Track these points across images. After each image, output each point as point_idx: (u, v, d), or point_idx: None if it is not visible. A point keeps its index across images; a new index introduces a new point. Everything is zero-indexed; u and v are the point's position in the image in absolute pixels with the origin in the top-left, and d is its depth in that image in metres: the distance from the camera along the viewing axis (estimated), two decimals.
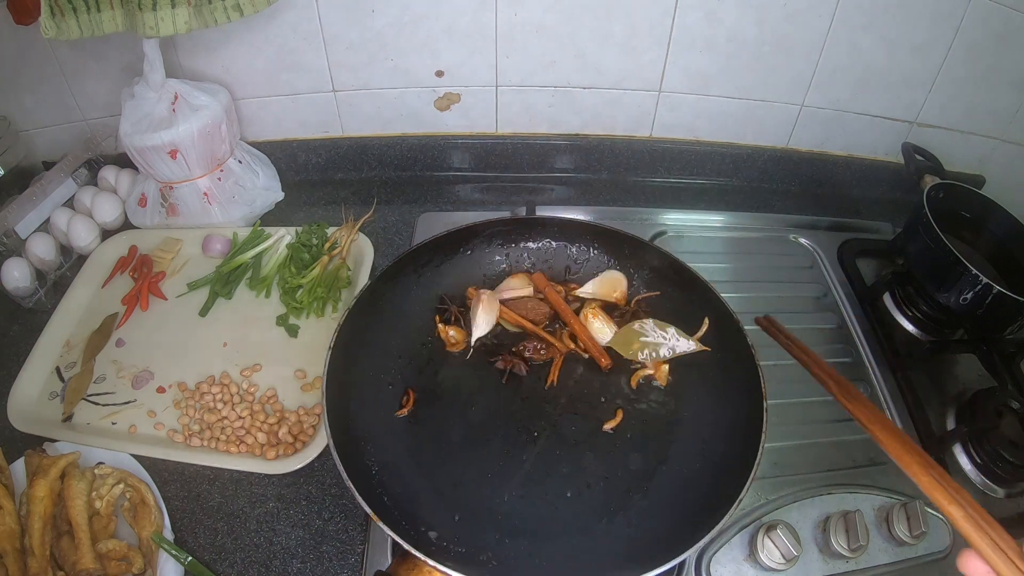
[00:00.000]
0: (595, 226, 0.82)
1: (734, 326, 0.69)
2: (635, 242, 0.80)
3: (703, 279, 0.75)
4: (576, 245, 0.83)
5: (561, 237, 0.83)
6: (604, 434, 0.68)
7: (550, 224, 0.83)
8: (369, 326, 0.72)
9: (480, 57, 0.97)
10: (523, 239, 0.83)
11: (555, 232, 0.83)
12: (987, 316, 0.79)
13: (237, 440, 0.75)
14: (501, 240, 0.83)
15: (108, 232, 0.99)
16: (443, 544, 0.58)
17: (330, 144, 1.08)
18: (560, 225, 0.83)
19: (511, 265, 0.83)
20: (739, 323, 0.69)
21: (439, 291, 0.79)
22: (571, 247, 0.84)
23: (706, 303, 0.74)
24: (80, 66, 0.96)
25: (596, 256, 0.83)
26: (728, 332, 0.70)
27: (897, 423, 0.79)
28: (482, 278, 0.82)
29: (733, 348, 0.69)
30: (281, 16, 0.91)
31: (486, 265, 0.83)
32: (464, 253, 0.81)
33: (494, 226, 0.81)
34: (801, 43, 0.95)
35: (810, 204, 1.10)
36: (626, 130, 1.08)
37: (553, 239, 0.84)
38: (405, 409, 0.69)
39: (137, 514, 0.66)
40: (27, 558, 0.61)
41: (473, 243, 0.81)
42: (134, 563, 0.63)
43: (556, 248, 0.84)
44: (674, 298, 0.78)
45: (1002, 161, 1.05)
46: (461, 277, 0.81)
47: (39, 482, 0.64)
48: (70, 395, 0.80)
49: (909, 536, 0.66)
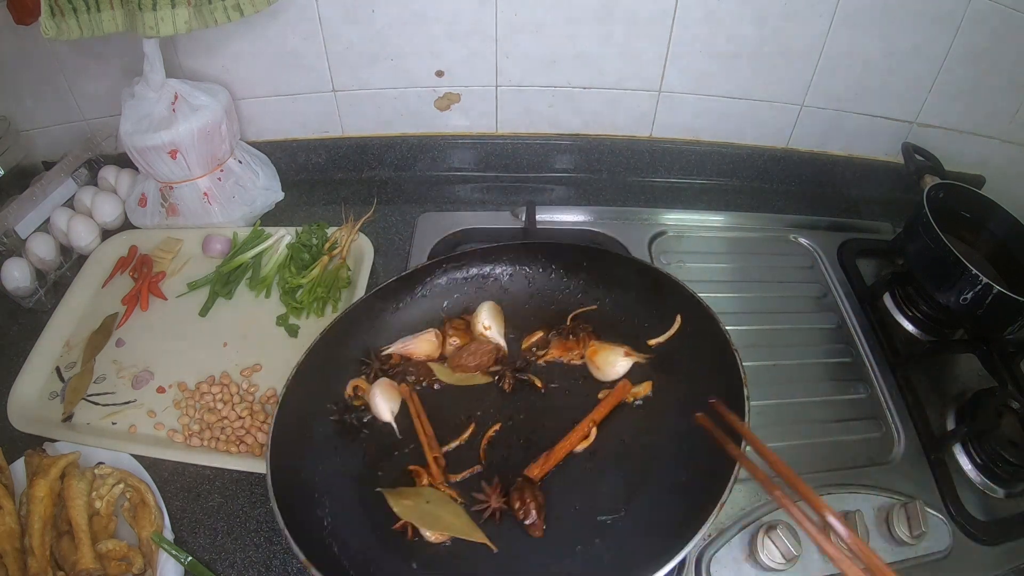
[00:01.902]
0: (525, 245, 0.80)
1: (705, 315, 0.66)
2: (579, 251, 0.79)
3: (673, 277, 0.72)
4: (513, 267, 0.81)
5: (483, 263, 0.81)
6: (574, 459, 0.64)
7: (472, 255, 0.80)
8: (323, 375, 0.70)
9: (480, 57, 0.97)
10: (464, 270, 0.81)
11: (478, 261, 0.80)
12: (987, 316, 0.79)
13: (237, 440, 0.75)
14: (446, 277, 0.80)
15: (108, 232, 0.99)
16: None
17: (330, 144, 1.08)
18: (483, 253, 0.80)
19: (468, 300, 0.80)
20: (711, 312, 0.66)
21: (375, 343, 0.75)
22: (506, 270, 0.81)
23: (677, 302, 0.71)
24: (80, 66, 0.96)
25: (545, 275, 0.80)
26: (701, 323, 0.67)
27: (897, 423, 0.79)
28: (441, 317, 0.79)
29: (710, 342, 0.65)
30: (281, 16, 0.91)
31: (440, 308, 0.80)
32: (419, 295, 0.79)
33: (439, 264, 0.79)
34: (801, 43, 0.95)
35: (810, 204, 1.10)
36: (626, 130, 1.08)
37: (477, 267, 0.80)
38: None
39: (137, 514, 0.66)
40: (27, 558, 0.61)
41: (427, 283, 0.79)
42: (134, 563, 0.63)
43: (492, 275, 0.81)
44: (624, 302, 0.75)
45: (1002, 161, 1.05)
46: (418, 317, 0.78)
47: (39, 482, 0.64)
48: (70, 395, 0.80)
49: (909, 536, 0.66)
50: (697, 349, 0.68)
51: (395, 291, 0.78)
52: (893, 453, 0.77)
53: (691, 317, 0.70)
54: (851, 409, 0.81)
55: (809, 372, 0.85)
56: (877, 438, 0.78)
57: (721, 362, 0.63)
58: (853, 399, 0.82)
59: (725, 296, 0.92)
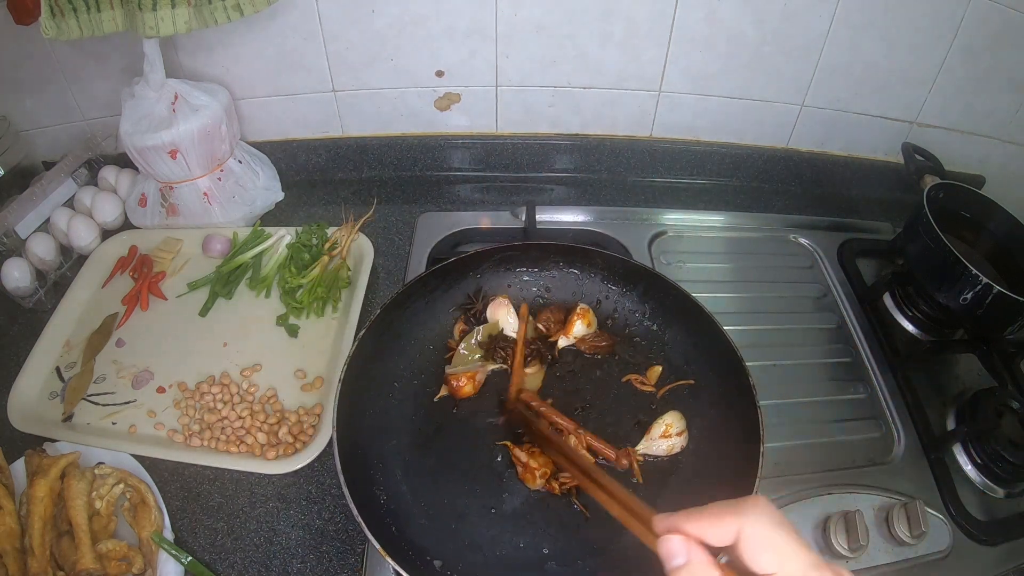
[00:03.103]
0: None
1: (734, 356, 0.68)
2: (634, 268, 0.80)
3: (707, 310, 0.73)
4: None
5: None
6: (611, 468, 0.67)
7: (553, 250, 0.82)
8: (380, 352, 0.72)
9: (480, 57, 0.97)
10: (526, 265, 0.83)
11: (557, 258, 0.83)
12: (987, 316, 0.79)
13: (237, 440, 0.75)
14: (507, 265, 0.82)
15: (108, 232, 0.99)
16: (447, 573, 0.59)
17: (330, 144, 1.08)
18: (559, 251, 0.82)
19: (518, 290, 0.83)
20: (739, 356, 0.68)
21: (449, 310, 0.80)
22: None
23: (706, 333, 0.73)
24: (80, 66, 0.96)
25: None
26: (723, 355, 0.70)
27: (897, 423, 0.79)
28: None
29: (730, 377, 0.68)
30: (281, 16, 0.91)
31: (492, 289, 0.82)
32: (473, 277, 0.81)
33: (503, 251, 0.81)
34: (801, 43, 0.95)
35: (810, 204, 1.10)
36: (626, 130, 1.08)
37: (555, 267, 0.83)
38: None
39: (137, 514, 0.66)
40: (27, 558, 0.61)
41: (483, 267, 0.81)
42: (134, 563, 0.63)
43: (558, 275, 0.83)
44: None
45: (1002, 161, 1.05)
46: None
47: (39, 482, 0.64)
48: (70, 395, 0.80)
49: (909, 536, 0.66)
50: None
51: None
52: (893, 453, 0.77)
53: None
54: (851, 409, 0.81)
55: (809, 372, 0.85)
56: (877, 438, 0.78)
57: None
58: (853, 399, 0.82)
59: (725, 296, 0.92)
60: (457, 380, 0.73)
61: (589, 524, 0.64)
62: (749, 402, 0.64)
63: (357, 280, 0.91)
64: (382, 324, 0.72)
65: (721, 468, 0.64)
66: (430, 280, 0.78)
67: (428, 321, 0.79)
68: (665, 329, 0.78)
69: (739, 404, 0.65)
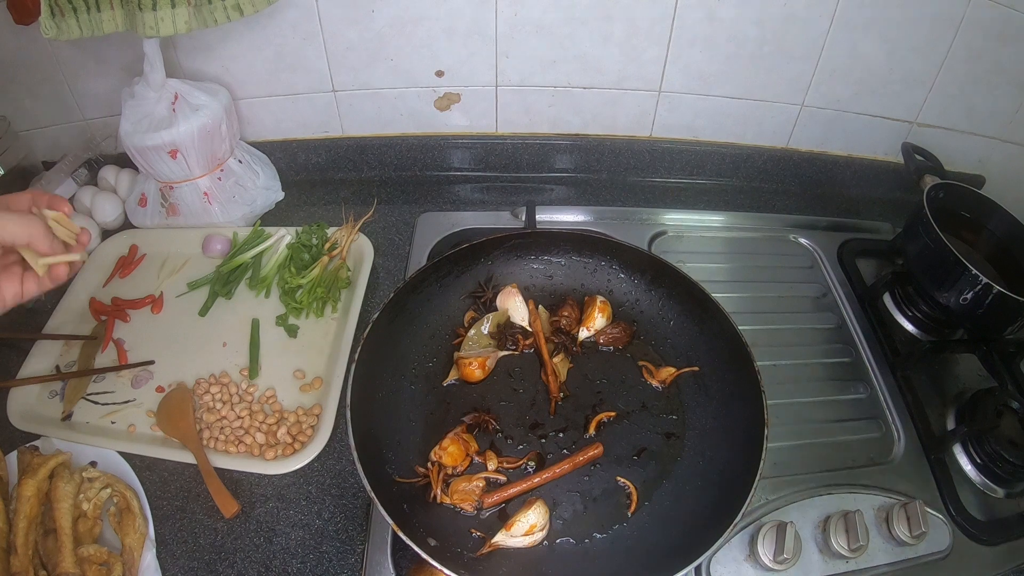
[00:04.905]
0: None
1: (741, 345, 0.71)
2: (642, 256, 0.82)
3: (712, 298, 0.76)
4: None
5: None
6: (610, 450, 0.70)
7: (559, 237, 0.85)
8: (393, 334, 0.74)
9: (480, 57, 0.97)
10: (535, 252, 0.86)
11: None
12: (987, 316, 0.79)
13: (236, 440, 0.75)
14: (518, 252, 0.85)
15: (108, 232, 0.99)
16: (456, 551, 0.61)
17: (330, 144, 1.08)
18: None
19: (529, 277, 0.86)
20: (746, 345, 0.71)
21: (460, 297, 0.83)
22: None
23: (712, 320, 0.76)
24: (80, 66, 0.96)
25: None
26: (732, 347, 0.72)
27: (897, 423, 0.79)
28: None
29: (736, 365, 0.71)
30: (281, 16, 0.91)
31: (502, 277, 0.85)
32: (485, 263, 0.84)
33: (515, 238, 0.84)
34: (801, 43, 0.95)
35: (810, 204, 1.10)
36: (626, 130, 1.08)
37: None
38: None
39: (122, 520, 0.66)
40: (10, 556, 0.61)
41: (495, 254, 0.84)
42: (113, 569, 0.63)
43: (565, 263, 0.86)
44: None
45: (1002, 161, 1.05)
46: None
47: (27, 481, 0.64)
48: (70, 394, 0.80)
49: (909, 536, 0.66)
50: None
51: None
52: (893, 453, 0.77)
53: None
54: (851, 409, 0.81)
55: (809, 372, 0.85)
56: (877, 438, 0.78)
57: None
58: (853, 399, 0.82)
59: (725, 296, 0.91)
60: (468, 364, 0.75)
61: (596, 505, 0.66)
62: (754, 389, 0.67)
63: (357, 280, 0.91)
64: (396, 306, 0.74)
65: (727, 452, 0.68)
66: (444, 265, 0.80)
67: (441, 306, 0.81)
68: (671, 317, 0.81)
69: (744, 390, 0.68)
